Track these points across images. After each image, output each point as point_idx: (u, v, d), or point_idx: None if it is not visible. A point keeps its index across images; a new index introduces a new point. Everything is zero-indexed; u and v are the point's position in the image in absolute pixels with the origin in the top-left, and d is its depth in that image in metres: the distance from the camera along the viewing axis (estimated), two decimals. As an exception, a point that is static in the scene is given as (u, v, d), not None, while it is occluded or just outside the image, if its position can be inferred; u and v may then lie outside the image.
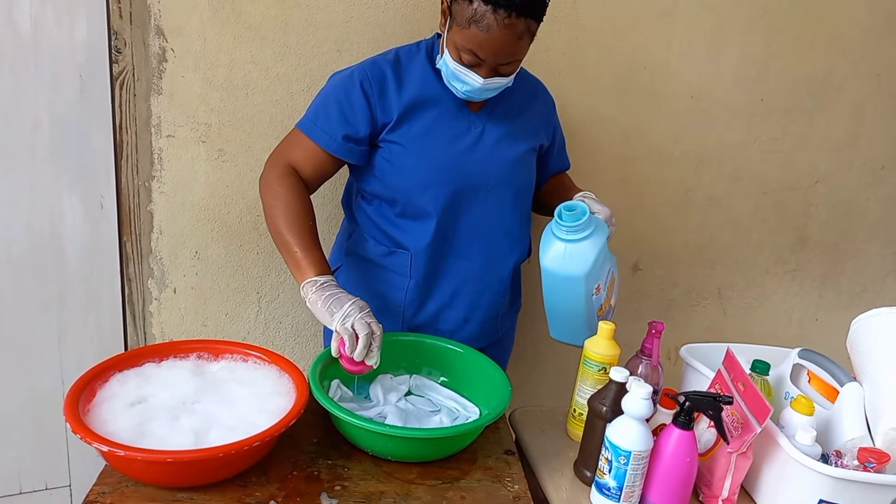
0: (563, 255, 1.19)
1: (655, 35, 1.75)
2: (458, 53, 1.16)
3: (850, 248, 2.10)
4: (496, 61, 1.15)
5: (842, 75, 1.91)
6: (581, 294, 1.21)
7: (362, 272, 1.36)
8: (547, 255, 1.21)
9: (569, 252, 1.19)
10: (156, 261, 1.59)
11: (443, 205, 1.26)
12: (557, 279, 1.21)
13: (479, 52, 1.13)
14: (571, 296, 1.22)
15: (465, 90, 1.20)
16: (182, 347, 1.14)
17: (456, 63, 1.17)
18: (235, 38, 1.49)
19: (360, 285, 1.36)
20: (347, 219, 1.44)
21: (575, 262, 1.19)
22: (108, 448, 0.87)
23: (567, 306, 1.25)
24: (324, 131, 1.24)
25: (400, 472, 1.03)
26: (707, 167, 1.90)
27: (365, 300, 1.33)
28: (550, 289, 1.24)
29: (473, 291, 1.34)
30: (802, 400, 1.07)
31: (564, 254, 1.19)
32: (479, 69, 1.16)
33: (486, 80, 1.17)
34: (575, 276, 1.19)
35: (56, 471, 1.68)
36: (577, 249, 1.19)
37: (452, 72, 1.19)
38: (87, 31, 1.43)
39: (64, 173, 1.50)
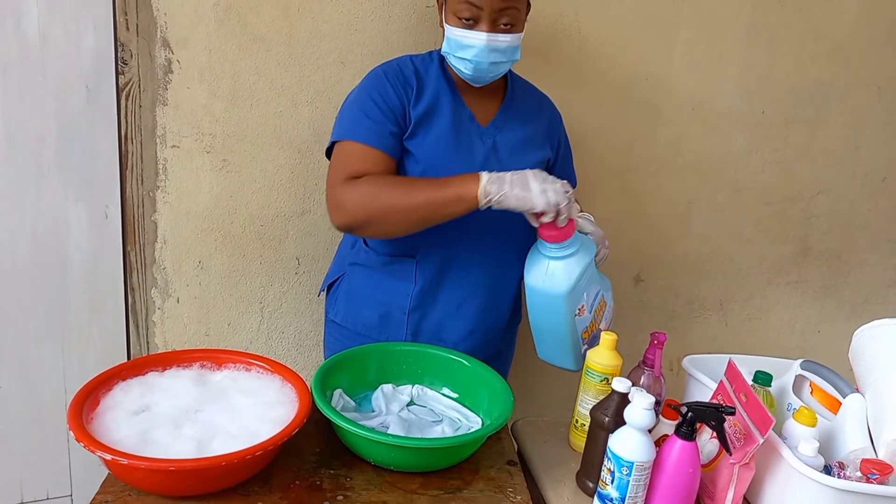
0: (545, 272, 1.19)
1: (657, 46, 1.76)
2: (456, 17, 1.18)
3: (852, 259, 2.10)
4: (492, 6, 1.15)
5: (843, 86, 1.92)
6: (563, 313, 1.20)
7: (366, 281, 1.36)
8: (530, 272, 1.21)
9: (551, 269, 1.18)
10: (159, 270, 1.60)
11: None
12: (540, 296, 1.21)
13: (474, 0, 1.14)
14: (554, 315, 1.21)
15: (472, 55, 1.19)
16: (185, 357, 1.15)
17: (456, 29, 1.18)
18: (240, 49, 1.50)
19: (363, 294, 1.36)
20: None
21: (556, 279, 1.18)
22: (111, 456, 0.87)
23: (550, 325, 1.24)
24: (371, 131, 1.20)
25: (402, 482, 1.03)
26: (709, 178, 1.91)
27: (368, 311, 1.34)
28: (534, 307, 1.23)
29: (480, 303, 1.34)
30: (805, 411, 1.07)
31: (547, 271, 1.18)
32: (480, 24, 1.17)
33: (490, 37, 1.17)
34: (556, 293, 1.18)
35: (57, 480, 1.68)
36: (559, 267, 1.18)
37: (456, 41, 1.19)
38: (95, 43, 1.45)
39: (69, 182, 1.51)
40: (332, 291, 1.43)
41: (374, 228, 1.18)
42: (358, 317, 1.36)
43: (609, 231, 1.84)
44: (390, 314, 1.34)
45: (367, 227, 1.18)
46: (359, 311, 1.36)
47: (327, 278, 1.45)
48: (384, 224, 1.16)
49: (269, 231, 1.63)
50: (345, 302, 1.39)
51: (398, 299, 1.33)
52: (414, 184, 1.15)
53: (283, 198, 1.62)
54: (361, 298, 1.36)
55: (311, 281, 1.69)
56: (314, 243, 1.67)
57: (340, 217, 1.18)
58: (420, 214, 1.13)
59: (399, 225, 1.15)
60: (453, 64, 1.24)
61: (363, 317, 1.36)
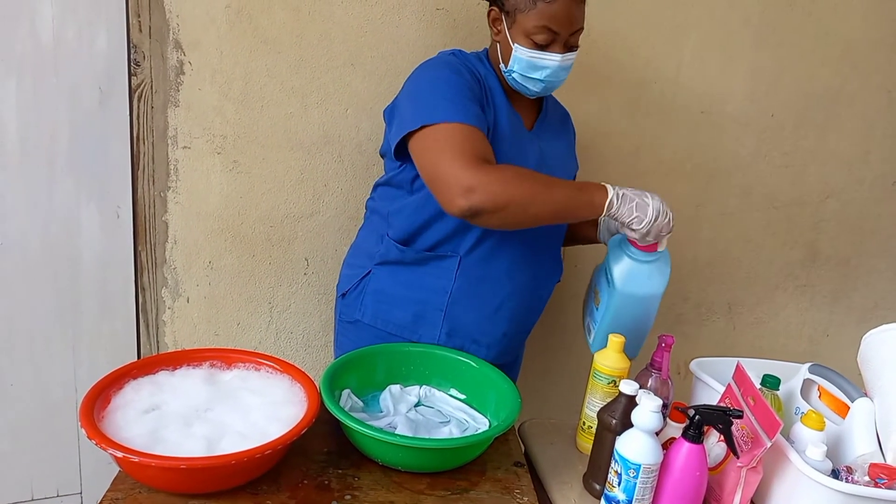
0: (648, 276, 1.22)
1: (666, 50, 1.76)
2: (530, 39, 1.18)
3: (861, 264, 2.09)
4: (569, 30, 1.18)
5: (852, 90, 1.92)
6: (656, 309, 1.28)
7: (397, 279, 1.32)
8: (626, 278, 1.23)
9: (651, 272, 1.22)
10: (170, 270, 1.61)
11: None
12: (636, 299, 1.25)
13: (553, 26, 1.17)
14: (647, 312, 1.28)
15: (545, 76, 1.21)
16: (195, 356, 1.15)
17: (529, 51, 1.19)
18: (251, 51, 1.52)
19: (394, 293, 1.32)
20: (379, 223, 1.36)
21: (656, 279, 1.23)
22: (122, 454, 0.88)
23: (638, 324, 1.28)
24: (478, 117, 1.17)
25: (410, 482, 1.04)
26: (717, 182, 1.91)
27: (400, 310, 1.32)
28: (623, 311, 1.25)
29: (518, 306, 1.33)
30: (813, 415, 1.07)
31: (649, 274, 1.22)
32: (554, 47, 1.19)
33: (564, 57, 1.20)
34: (657, 293, 1.24)
35: (68, 478, 1.69)
36: (657, 268, 1.23)
37: (529, 62, 1.20)
38: (107, 44, 1.46)
39: (81, 183, 1.52)
40: (354, 292, 1.37)
41: (505, 215, 1.11)
42: (388, 316, 1.33)
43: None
44: (425, 313, 1.30)
45: (498, 213, 1.10)
46: (390, 311, 1.33)
47: (348, 279, 1.40)
48: (519, 213, 1.12)
49: (279, 232, 1.64)
50: (373, 302, 1.34)
51: (435, 297, 1.30)
52: (553, 179, 1.15)
53: (293, 199, 1.63)
54: (393, 297, 1.32)
55: (319, 282, 1.70)
56: (323, 244, 1.68)
57: (473, 198, 1.08)
58: (556, 209, 1.14)
59: (533, 216, 1.14)
60: (518, 81, 1.24)
61: (394, 316, 1.32)
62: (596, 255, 1.47)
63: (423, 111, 1.16)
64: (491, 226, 1.16)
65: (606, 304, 1.26)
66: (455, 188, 1.09)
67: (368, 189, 1.44)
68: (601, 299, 1.29)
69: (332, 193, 1.65)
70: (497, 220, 1.13)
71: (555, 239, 1.38)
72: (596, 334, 1.30)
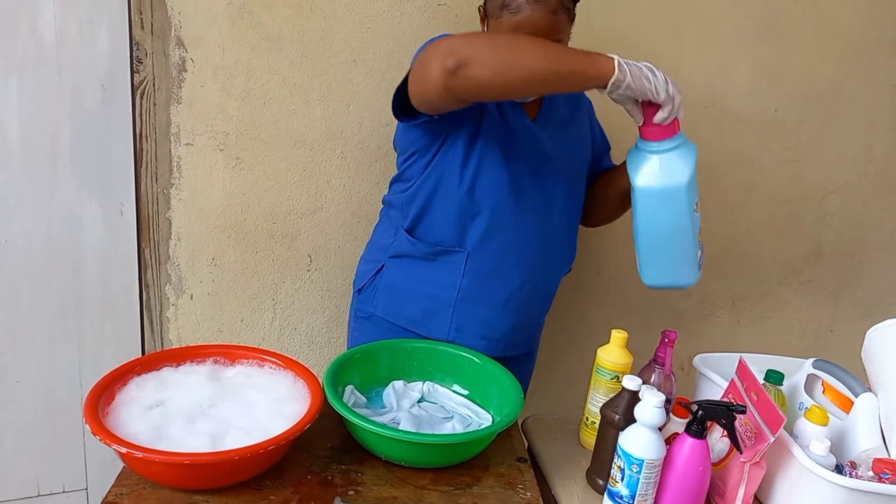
0: (660, 168, 1.10)
1: (667, 44, 1.75)
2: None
3: (865, 259, 2.09)
4: (547, 28, 1.14)
5: (855, 85, 1.91)
6: (685, 208, 1.13)
7: (409, 272, 1.32)
8: (641, 174, 1.11)
9: (666, 162, 1.10)
10: (173, 267, 1.61)
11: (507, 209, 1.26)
12: (657, 196, 1.11)
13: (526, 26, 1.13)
14: (675, 213, 1.13)
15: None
16: (199, 352, 1.16)
17: None
18: (253, 48, 1.52)
19: (406, 287, 1.32)
20: (395, 216, 1.36)
21: (675, 170, 1.10)
22: (126, 450, 0.88)
23: (670, 229, 1.15)
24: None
25: (413, 477, 1.04)
26: (720, 177, 1.90)
27: (411, 304, 1.32)
28: (649, 213, 1.14)
29: (527, 298, 1.33)
30: (816, 410, 1.06)
31: (661, 165, 1.10)
32: None
33: None
34: (677, 185, 1.10)
35: (73, 474, 1.70)
36: (674, 158, 1.10)
37: None
38: (109, 42, 1.46)
39: (84, 181, 1.53)
40: (369, 287, 1.38)
41: (481, 67, 1.00)
42: (400, 310, 1.33)
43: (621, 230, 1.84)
44: (435, 308, 1.30)
45: (473, 66, 1.00)
46: (401, 305, 1.33)
47: (363, 275, 1.40)
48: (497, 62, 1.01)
49: (282, 228, 1.65)
50: (386, 295, 1.35)
51: (444, 292, 1.29)
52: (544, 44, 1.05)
53: (296, 195, 1.63)
54: (404, 291, 1.32)
55: (322, 278, 1.71)
56: (326, 240, 1.68)
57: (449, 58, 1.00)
58: (546, 62, 1.01)
59: (516, 67, 1.01)
60: None
61: (406, 310, 1.33)
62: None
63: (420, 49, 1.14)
64: (471, 91, 1.03)
65: (634, 213, 1.15)
66: (438, 55, 1.02)
67: (371, 185, 1.45)
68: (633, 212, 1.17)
69: (335, 190, 1.65)
70: (475, 77, 1.01)
71: (566, 228, 1.36)
72: (639, 258, 1.20)
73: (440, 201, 1.26)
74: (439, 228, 1.28)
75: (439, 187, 1.25)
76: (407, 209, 1.30)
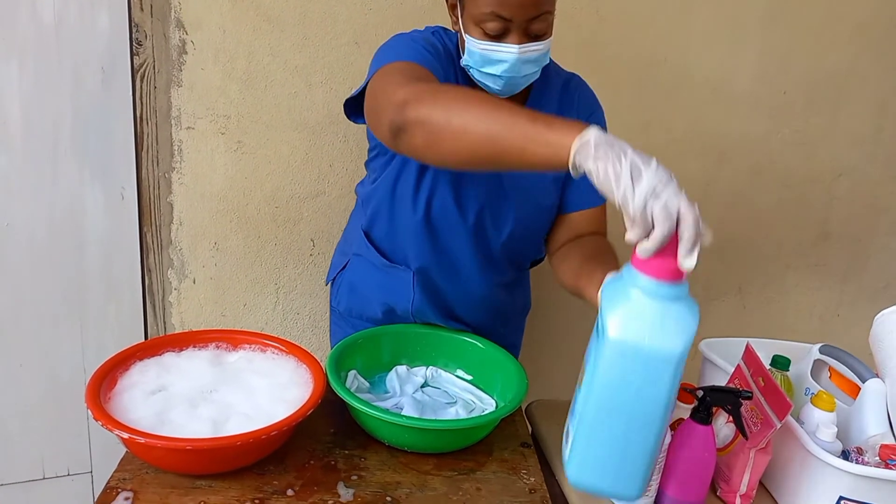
0: (660, 320, 0.74)
1: (676, 27, 1.73)
2: (481, 28, 1.01)
3: (872, 243, 2.07)
4: (524, 15, 0.99)
5: (865, 68, 1.88)
6: (664, 390, 0.74)
7: (368, 275, 1.29)
8: (616, 315, 0.75)
9: (668, 314, 0.74)
10: (175, 251, 1.61)
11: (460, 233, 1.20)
12: (640, 360, 0.73)
13: (503, 12, 0.98)
14: (649, 392, 0.75)
15: (502, 71, 1.03)
16: (201, 337, 1.15)
17: (482, 42, 1.02)
18: (254, 30, 1.50)
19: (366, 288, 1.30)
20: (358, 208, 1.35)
21: (669, 333, 0.74)
22: (128, 435, 0.88)
23: (635, 411, 0.76)
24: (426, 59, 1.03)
25: (416, 463, 1.04)
26: (728, 160, 1.88)
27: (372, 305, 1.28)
28: (612, 379, 0.75)
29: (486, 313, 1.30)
30: (823, 396, 1.06)
31: (664, 318, 0.74)
32: (509, 37, 1.01)
33: (522, 48, 1.01)
34: (665, 354, 0.73)
35: (78, 457, 1.71)
36: (677, 311, 0.74)
37: (482, 54, 1.03)
38: (109, 24, 1.45)
39: (85, 165, 1.52)
40: (337, 280, 1.37)
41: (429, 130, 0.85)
42: (363, 309, 1.32)
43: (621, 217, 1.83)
44: (395, 312, 1.29)
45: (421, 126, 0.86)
46: (363, 304, 1.32)
47: (334, 266, 1.40)
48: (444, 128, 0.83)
49: (284, 212, 1.64)
50: (348, 291, 1.34)
51: (401, 302, 1.27)
52: (506, 102, 0.85)
53: (298, 179, 1.62)
54: (365, 292, 1.31)
55: (325, 262, 1.70)
56: (329, 225, 1.67)
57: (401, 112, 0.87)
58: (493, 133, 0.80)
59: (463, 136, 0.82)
60: (477, 78, 1.08)
61: (367, 310, 1.31)
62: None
63: (375, 65, 1.04)
64: (416, 146, 0.88)
65: (593, 371, 0.77)
66: (388, 106, 0.90)
67: (374, 169, 1.43)
68: (586, 369, 0.80)
69: (338, 174, 1.63)
70: (421, 138, 0.86)
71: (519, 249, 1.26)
72: (573, 437, 0.80)
73: (394, 218, 1.20)
74: (387, 241, 1.24)
75: (394, 203, 1.19)
76: (367, 206, 1.26)
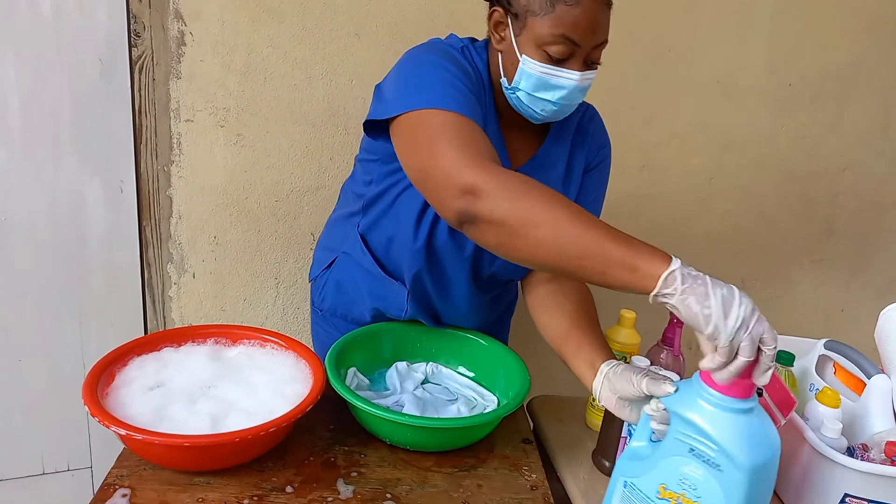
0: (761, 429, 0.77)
1: (681, 17, 1.71)
2: (544, 51, 0.95)
3: (878, 239, 2.05)
4: (593, 41, 0.96)
5: (873, 62, 1.86)
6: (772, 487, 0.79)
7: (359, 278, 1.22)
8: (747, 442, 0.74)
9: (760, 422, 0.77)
10: (175, 245, 1.60)
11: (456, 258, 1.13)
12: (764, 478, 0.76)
13: (573, 35, 0.94)
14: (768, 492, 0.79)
15: (559, 98, 0.98)
16: (200, 332, 1.14)
17: (543, 65, 0.96)
18: (253, 21, 1.48)
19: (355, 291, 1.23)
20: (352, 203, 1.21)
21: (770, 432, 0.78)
22: (125, 432, 0.87)
23: None
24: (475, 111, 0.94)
25: (417, 459, 1.03)
26: (732, 154, 1.87)
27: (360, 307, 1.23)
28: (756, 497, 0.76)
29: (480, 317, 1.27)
30: (828, 392, 1.04)
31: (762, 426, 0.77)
32: (572, 62, 0.96)
33: (583, 75, 0.97)
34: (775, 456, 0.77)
35: (78, 452, 1.70)
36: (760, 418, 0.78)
37: (539, 78, 0.97)
38: (107, 16, 1.43)
39: (84, 158, 1.50)
40: (320, 277, 1.29)
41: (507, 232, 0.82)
42: (349, 310, 1.27)
43: (629, 208, 1.82)
44: (384, 316, 1.24)
45: (498, 227, 0.82)
46: (349, 305, 1.26)
47: (318, 263, 1.31)
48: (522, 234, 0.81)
49: (284, 206, 1.62)
50: (334, 290, 1.26)
51: (392, 310, 1.21)
52: (588, 213, 0.82)
53: (298, 173, 1.61)
54: (353, 294, 1.24)
55: (326, 257, 1.69)
56: (329, 219, 1.66)
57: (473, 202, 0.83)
58: (577, 250, 0.79)
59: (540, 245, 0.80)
60: (524, 101, 1.01)
61: (354, 311, 1.26)
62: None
63: (412, 94, 0.95)
64: (487, 243, 0.86)
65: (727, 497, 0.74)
66: (452, 187, 0.85)
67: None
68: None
69: (338, 167, 1.62)
70: (493, 237, 0.84)
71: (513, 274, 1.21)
72: None
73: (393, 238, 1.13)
74: (383, 251, 1.17)
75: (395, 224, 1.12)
76: (365, 210, 1.17)
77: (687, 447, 0.77)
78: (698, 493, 0.77)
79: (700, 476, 0.77)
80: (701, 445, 0.76)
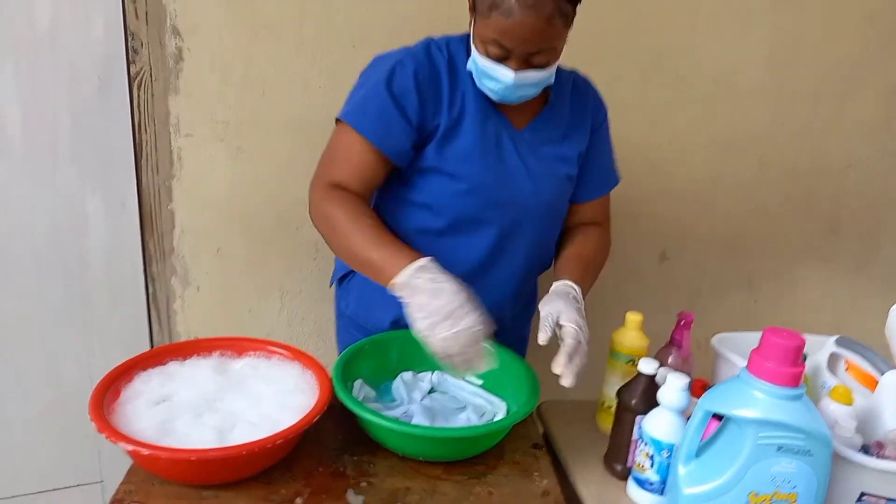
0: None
1: (680, 17, 1.71)
2: (485, 47, 1.05)
3: (884, 235, 2.04)
4: (525, 50, 1.03)
5: (874, 57, 1.85)
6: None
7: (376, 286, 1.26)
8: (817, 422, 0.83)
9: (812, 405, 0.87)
10: (178, 259, 1.60)
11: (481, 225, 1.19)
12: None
13: (504, 42, 1.02)
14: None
15: (497, 89, 1.09)
16: (205, 345, 1.14)
17: (484, 59, 1.06)
18: (250, 35, 1.48)
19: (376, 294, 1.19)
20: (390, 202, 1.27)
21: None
22: (132, 447, 0.87)
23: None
24: (380, 131, 1.10)
25: (426, 467, 1.02)
26: (734, 153, 1.86)
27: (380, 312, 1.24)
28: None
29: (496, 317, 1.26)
30: (840, 389, 1.03)
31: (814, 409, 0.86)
32: (508, 62, 1.05)
33: (519, 75, 1.05)
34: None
35: (87, 467, 1.69)
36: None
37: (481, 69, 1.08)
38: (104, 32, 1.44)
39: (85, 173, 1.51)
40: (343, 282, 1.34)
41: (323, 237, 1.16)
42: (369, 315, 1.28)
43: (633, 209, 1.81)
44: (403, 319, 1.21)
45: (319, 224, 1.15)
46: (370, 310, 1.28)
47: (339, 268, 1.35)
48: (330, 241, 1.14)
49: (286, 217, 1.62)
50: (357, 297, 1.30)
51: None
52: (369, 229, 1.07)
53: (299, 184, 1.58)
54: (374, 297, 1.25)
55: (329, 266, 1.67)
56: (332, 229, 1.65)
57: (309, 207, 1.16)
58: (355, 260, 1.10)
59: (340, 253, 1.14)
60: (478, 82, 1.12)
61: (374, 317, 1.27)
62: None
63: (348, 105, 1.15)
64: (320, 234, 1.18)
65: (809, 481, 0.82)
66: (315, 185, 1.16)
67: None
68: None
69: (340, 177, 1.62)
70: (321, 232, 1.15)
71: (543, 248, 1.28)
72: None
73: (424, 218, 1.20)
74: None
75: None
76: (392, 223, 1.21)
77: (773, 447, 0.81)
78: (793, 485, 0.82)
79: (793, 468, 0.81)
80: (789, 441, 0.80)
